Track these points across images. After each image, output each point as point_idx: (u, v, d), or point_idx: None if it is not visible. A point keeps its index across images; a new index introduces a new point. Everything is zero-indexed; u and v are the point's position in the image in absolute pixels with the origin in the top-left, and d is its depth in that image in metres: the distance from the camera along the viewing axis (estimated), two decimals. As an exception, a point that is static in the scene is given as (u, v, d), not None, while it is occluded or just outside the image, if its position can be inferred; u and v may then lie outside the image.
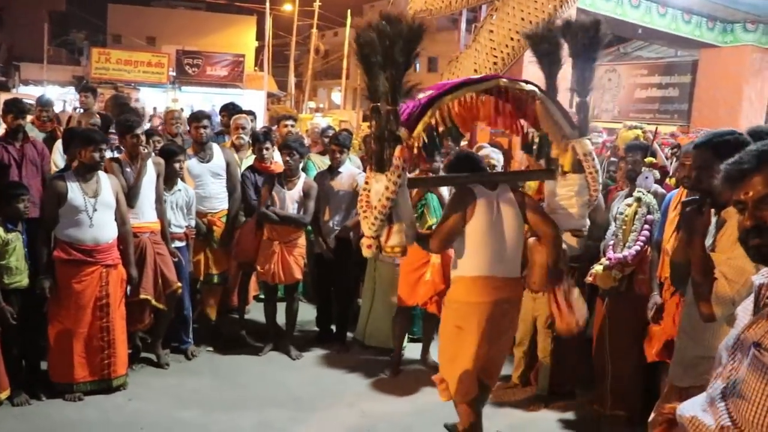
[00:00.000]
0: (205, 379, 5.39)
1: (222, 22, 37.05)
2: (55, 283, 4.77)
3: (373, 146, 3.60)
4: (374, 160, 3.58)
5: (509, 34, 7.13)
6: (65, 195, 4.74)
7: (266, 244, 5.77)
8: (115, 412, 4.77)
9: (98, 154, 4.82)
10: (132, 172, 5.27)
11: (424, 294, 5.58)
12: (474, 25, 8.02)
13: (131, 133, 5.28)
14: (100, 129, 5.86)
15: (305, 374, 5.63)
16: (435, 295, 5.56)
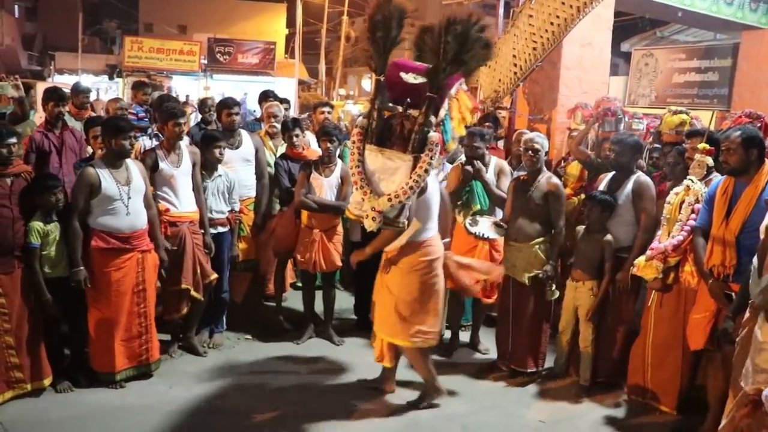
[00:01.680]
0: (244, 367, 5.40)
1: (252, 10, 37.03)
2: (90, 273, 4.78)
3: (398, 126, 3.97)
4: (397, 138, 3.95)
5: (549, 19, 6.97)
6: (98, 185, 4.73)
7: (305, 232, 5.76)
8: (157, 398, 4.80)
9: (128, 142, 4.82)
10: (169, 162, 5.27)
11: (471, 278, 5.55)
12: (512, 11, 7.86)
13: (174, 120, 5.28)
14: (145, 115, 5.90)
15: (344, 362, 5.59)
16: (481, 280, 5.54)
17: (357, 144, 3.98)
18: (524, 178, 5.31)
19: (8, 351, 4.54)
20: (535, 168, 5.22)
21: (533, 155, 5.19)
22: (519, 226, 5.23)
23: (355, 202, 4.09)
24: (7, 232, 4.48)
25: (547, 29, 7.02)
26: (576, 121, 7.32)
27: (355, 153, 4.00)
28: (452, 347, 5.87)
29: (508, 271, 5.32)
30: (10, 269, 4.53)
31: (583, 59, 8.03)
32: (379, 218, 3.93)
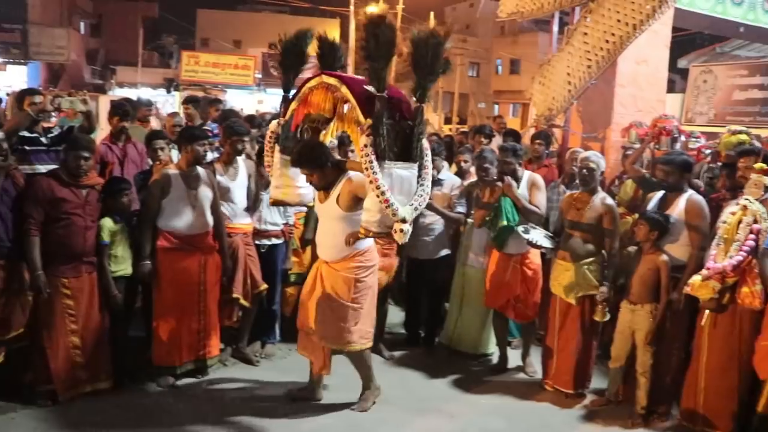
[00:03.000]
0: (294, 377, 5.44)
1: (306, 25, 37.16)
2: (155, 270, 5.04)
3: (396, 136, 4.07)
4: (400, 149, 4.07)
5: (604, 37, 6.94)
6: (169, 187, 5.01)
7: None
8: (209, 405, 4.92)
9: (201, 149, 5.08)
10: (226, 176, 5.43)
11: (502, 297, 5.60)
12: (566, 28, 7.85)
13: (238, 137, 5.44)
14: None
15: (393, 376, 5.63)
16: (512, 299, 5.57)
17: (368, 159, 3.98)
18: (577, 197, 5.28)
19: (74, 351, 4.79)
20: (590, 187, 5.19)
21: (588, 174, 5.16)
22: (570, 244, 5.20)
23: (374, 221, 4.13)
24: (78, 239, 4.73)
25: (602, 47, 6.99)
26: (630, 140, 7.25)
27: (370, 170, 3.98)
28: (501, 367, 5.85)
29: (555, 290, 5.29)
30: (78, 273, 4.79)
31: (638, 77, 7.95)
32: (409, 229, 4.01)
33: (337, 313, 4.66)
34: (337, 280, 4.66)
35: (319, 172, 4.56)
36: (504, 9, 8.46)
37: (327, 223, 4.72)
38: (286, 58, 4.86)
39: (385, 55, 4.04)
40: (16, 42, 27.38)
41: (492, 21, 42.57)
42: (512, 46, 44.89)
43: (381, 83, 4.05)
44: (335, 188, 4.60)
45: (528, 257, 5.60)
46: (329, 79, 4.40)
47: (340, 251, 4.63)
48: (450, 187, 6.05)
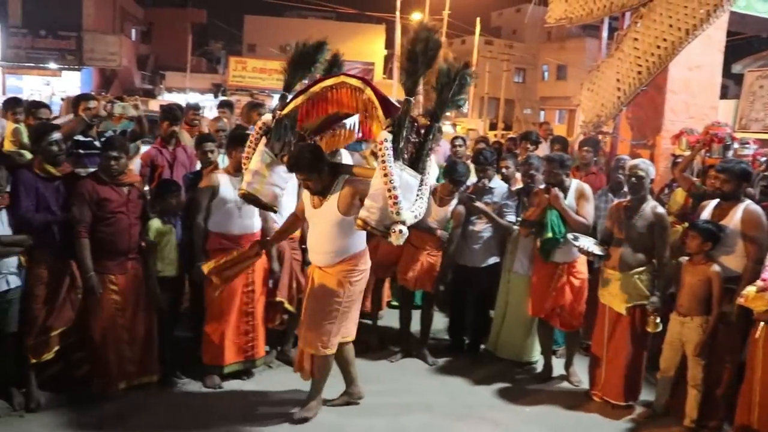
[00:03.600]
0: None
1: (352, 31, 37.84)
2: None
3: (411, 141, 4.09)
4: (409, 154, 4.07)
5: (655, 42, 6.81)
6: (218, 188, 5.14)
7: (409, 250, 5.83)
8: (254, 407, 4.97)
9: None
10: None
11: (547, 306, 5.55)
12: (616, 33, 7.74)
13: None
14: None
15: (437, 383, 5.63)
16: (558, 308, 5.51)
17: (386, 153, 3.93)
18: (627, 205, 5.20)
19: (123, 345, 4.94)
20: (639, 195, 5.10)
21: (637, 182, 5.07)
22: (620, 254, 5.11)
23: (374, 216, 3.99)
24: (124, 237, 4.87)
25: (653, 52, 6.87)
26: (681, 147, 7.10)
27: (387, 163, 3.91)
28: (545, 375, 5.80)
29: (605, 299, 5.21)
30: (124, 270, 4.93)
31: (690, 83, 7.80)
32: (406, 233, 3.94)
33: (325, 315, 4.61)
34: (329, 281, 4.61)
35: (316, 177, 4.48)
36: (552, 14, 8.38)
37: (322, 229, 4.60)
38: (298, 61, 4.83)
39: (427, 63, 4.06)
40: (71, 49, 28.10)
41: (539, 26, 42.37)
42: (559, 52, 44.49)
43: (413, 88, 4.11)
44: (333, 192, 4.53)
45: (575, 266, 5.53)
46: (352, 80, 4.39)
47: (336, 256, 4.60)
48: (500, 195, 6.03)
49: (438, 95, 4.12)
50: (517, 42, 48.31)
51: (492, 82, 42.00)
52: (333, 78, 4.50)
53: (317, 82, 4.54)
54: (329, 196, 4.53)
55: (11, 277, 4.52)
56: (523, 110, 46.13)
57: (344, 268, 4.60)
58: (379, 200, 3.92)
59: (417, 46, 4.05)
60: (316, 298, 4.65)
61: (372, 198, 3.97)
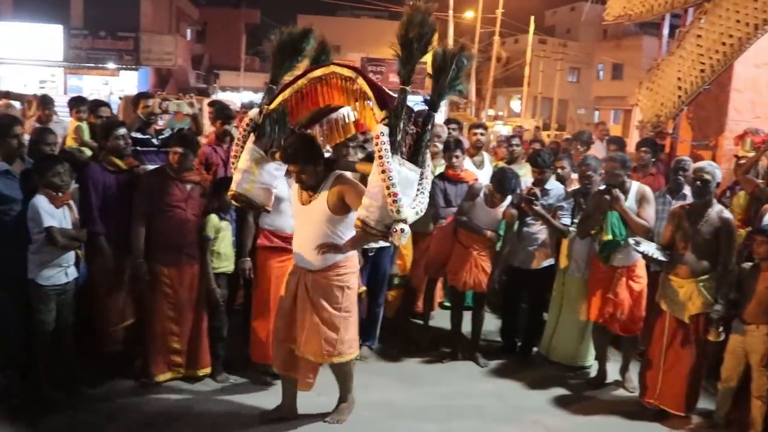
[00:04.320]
0: (390, 381, 5.47)
1: (404, 30, 37.75)
2: (255, 267, 5.20)
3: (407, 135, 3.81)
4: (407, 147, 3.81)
5: (720, 39, 6.58)
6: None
7: (460, 250, 5.78)
8: (306, 405, 4.93)
9: None
10: None
11: (605, 311, 5.41)
12: (678, 30, 7.52)
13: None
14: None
15: (488, 385, 5.56)
16: (616, 312, 5.36)
17: (383, 147, 3.67)
18: (689, 210, 5.01)
19: (171, 337, 5.06)
20: (705, 200, 4.90)
21: (702, 186, 4.86)
22: (684, 259, 4.92)
23: (373, 216, 3.75)
24: (178, 231, 4.99)
25: (717, 49, 6.65)
26: (745, 149, 6.85)
27: (384, 159, 3.66)
28: (599, 381, 5.67)
29: (666, 306, 5.03)
30: (178, 264, 5.03)
31: (758, 81, 7.51)
32: (408, 231, 3.75)
33: (329, 325, 4.36)
34: (326, 289, 4.36)
35: (311, 169, 4.23)
36: (610, 12, 8.19)
37: (311, 228, 4.34)
38: (283, 50, 4.55)
39: (422, 49, 3.82)
40: (129, 49, 28.66)
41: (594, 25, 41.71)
42: (615, 51, 43.69)
43: (409, 77, 3.84)
44: (323, 188, 4.28)
45: (634, 270, 5.38)
46: (343, 70, 4.10)
47: (327, 258, 4.33)
48: (556, 197, 5.91)
49: (434, 82, 3.86)
50: (572, 41, 47.62)
51: (545, 81, 41.52)
52: (322, 68, 4.23)
53: (306, 73, 4.28)
54: (320, 192, 4.28)
55: (70, 269, 4.64)
56: (576, 110, 45.48)
57: (337, 272, 4.38)
58: (378, 198, 3.68)
59: (411, 32, 3.80)
60: (313, 306, 4.36)
61: (370, 196, 3.74)
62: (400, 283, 6.20)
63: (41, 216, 4.41)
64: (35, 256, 4.51)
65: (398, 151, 3.72)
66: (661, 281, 5.11)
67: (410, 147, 3.81)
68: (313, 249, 4.30)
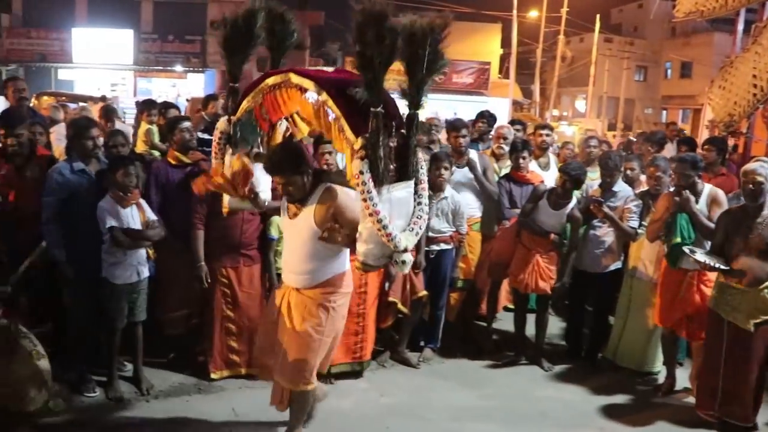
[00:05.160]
0: (453, 383, 5.45)
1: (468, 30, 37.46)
2: None
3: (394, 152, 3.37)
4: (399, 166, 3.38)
5: (801, 34, 6.34)
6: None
7: (523, 252, 5.73)
8: (368, 405, 5.00)
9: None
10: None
11: (674, 315, 5.26)
12: (753, 26, 7.25)
13: None
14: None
15: (552, 389, 5.49)
16: (685, 318, 5.21)
17: (366, 188, 3.23)
18: (741, 212, 4.79)
19: (229, 336, 5.14)
20: (758, 203, 4.68)
21: (754, 189, 4.66)
22: (748, 266, 4.66)
23: (371, 253, 3.41)
24: (236, 232, 5.07)
25: (797, 46, 6.39)
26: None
27: (369, 202, 3.24)
28: (668, 387, 5.51)
29: (727, 315, 4.81)
30: (236, 264, 5.13)
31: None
32: (411, 259, 3.42)
33: (302, 347, 3.98)
34: (310, 309, 3.99)
35: (299, 181, 3.84)
36: (681, 8, 7.94)
37: (298, 243, 3.97)
38: (231, 39, 4.12)
39: (387, 61, 3.26)
40: (196, 52, 29.36)
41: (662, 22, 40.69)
42: (684, 48, 42.51)
43: (378, 95, 3.28)
44: (311, 201, 3.89)
45: (705, 273, 5.21)
46: (302, 80, 3.62)
47: (314, 278, 3.97)
48: (624, 198, 5.78)
49: (410, 76, 3.30)
50: (639, 39, 46.52)
51: (611, 80, 40.68)
52: (278, 75, 3.80)
53: (263, 78, 3.88)
54: (307, 204, 3.90)
55: (141, 268, 4.79)
56: (644, 110, 44.45)
57: (324, 290, 3.99)
58: (375, 237, 3.32)
59: (367, 33, 3.20)
60: (293, 327, 4.00)
61: (366, 233, 3.36)
62: (464, 286, 6.16)
63: (105, 216, 4.55)
64: (107, 255, 4.66)
65: (385, 180, 3.29)
66: (718, 287, 4.91)
67: (396, 161, 3.37)
68: (299, 267, 3.97)
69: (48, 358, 4.32)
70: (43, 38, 28.97)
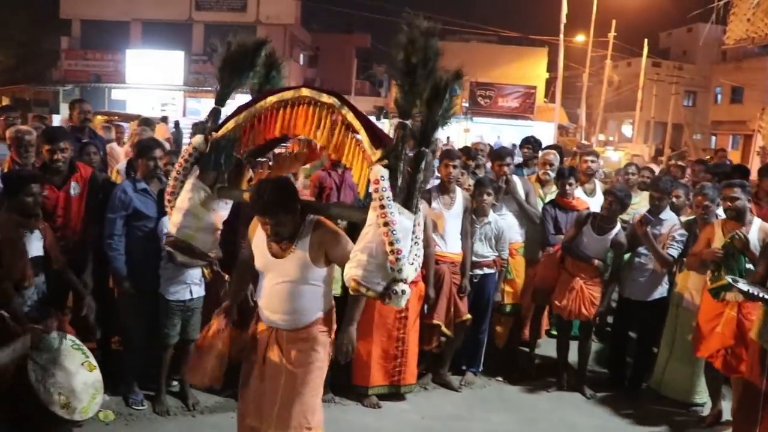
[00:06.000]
0: (494, 407, 5.45)
1: (513, 55, 37.64)
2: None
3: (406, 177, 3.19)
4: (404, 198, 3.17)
5: None
6: None
7: (566, 278, 5.72)
8: (409, 427, 5.04)
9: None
10: (441, 203, 5.59)
11: (712, 346, 5.16)
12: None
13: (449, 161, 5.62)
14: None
15: (594, 418, 5.44)
16: (722, 349, 5.10)
17: (385, 195, 3.08)
18: None
19: None
20: None
21: None
22: None
23: (374, 279, 3.15)
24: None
25: None
26: None
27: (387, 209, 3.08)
28: (712, 420, 5.41)
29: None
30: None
31: None
32: (408, 292, 3.18)
33: (308, 390, 3.62)
34: (304, 345, 3.63)
35: (290, 220, 3.48)
36: (731, 35, 7.90)
37: (287, 284, 3.56)
38: (232, 66, 3.97)
39: (428, 75, 3.20)
40: (246, 73, 30.08)
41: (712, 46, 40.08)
42: (735, 73, 41.78)
43: (410, 108, 3.23)
44: (302, 236, 3.54)
45: (746, 306, 5.11)
46: (321, 95, 3.47)
47: (306, 317, 3.62)
48: (669, 227, 5.71)
49: (428, 112, 3.23)
50: (688, 63, 45.94)
51: (659, 105, 40.21)
52: (291, 90, 3.61)
53: (267, 95, 3.69)
54: (298, 241, 3.53)
55: (194, 287, 4.90)
56: (692, 135, 43.74)
57: (321, 327, 3.67)
58: (378, 255, 3.11)
59: (414, 56, 3.18)
60: (291, 369, 3.60)
61: (367, 252, 3.13)
62: (512, 311, 6.18)
63: (162, 234, 4.67)
64: (163, 271, 4.82)
65: (399, 197, 3.16)
66: (763, 318, 4.80)
67: (404, 190, 3.21)
68: (289, 306, 3.59)
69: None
70: (98, 59, 29.97)
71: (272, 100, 3.60)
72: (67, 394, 3.96)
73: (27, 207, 4.13)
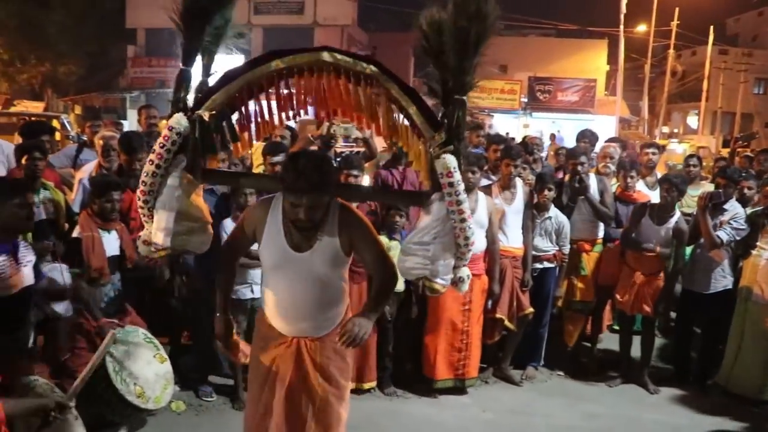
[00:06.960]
0: (556, 402, 5.44)
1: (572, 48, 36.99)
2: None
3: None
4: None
5: None
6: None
7: (627, 272, 5.69)
8: (470, 420, 5.08)
9: (471, 174, 5.21)
10: (502, 199, 5.62)
11: None
12: None
13: (509, 160, 5.65)
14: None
15: (658, 413, 5.37)
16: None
17: (459, 189, 2.87)
18: None
19: None
20: None
21: None
22: None
23: (446, 276, 2.99)
24: None
25: None
26: None
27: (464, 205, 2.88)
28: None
29: None
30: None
31: None
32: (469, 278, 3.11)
33: (336, 403, 3.15)
34: (344, 357, 3.17)
35: (324, 204, 2.93)
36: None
37: (312, 282, 3.02)
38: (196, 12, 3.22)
39: (481, 38, 2.89)
40: (303, 74, 30.51)
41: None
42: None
43: (467, 79, 2.92)
44: (329, 224, 2.99)
45: None
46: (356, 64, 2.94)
47: (334, 319, 3.14)
48: (730, 215, 5.62)
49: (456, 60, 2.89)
50: (758, 49, 44.36)
51: (726, 95, 38.95)
52: (306, 53, 3.03)
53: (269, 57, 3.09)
54: (325, 230, 2.98)
55: (256, 286, 5.04)
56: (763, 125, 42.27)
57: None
58: (450, 249, 2.91)
59: (462, 19, 2.81)
60: (325, 381, 3.10)
61: (440, 247, 2.90)
62: (583, 309, 6.14)
63: (221, 235, 4.78)
64: None
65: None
66: None
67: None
68: (316, 313, 3.07)
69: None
70: (162, 66, 30.77)
71: (278, 64, 3.00)
72: (142, 384, 4.18)
73: (105, 211, 4.56)
